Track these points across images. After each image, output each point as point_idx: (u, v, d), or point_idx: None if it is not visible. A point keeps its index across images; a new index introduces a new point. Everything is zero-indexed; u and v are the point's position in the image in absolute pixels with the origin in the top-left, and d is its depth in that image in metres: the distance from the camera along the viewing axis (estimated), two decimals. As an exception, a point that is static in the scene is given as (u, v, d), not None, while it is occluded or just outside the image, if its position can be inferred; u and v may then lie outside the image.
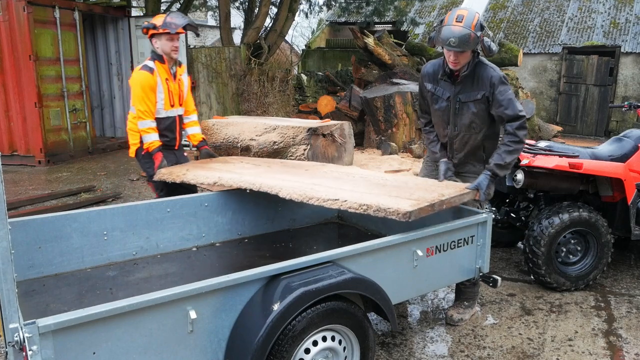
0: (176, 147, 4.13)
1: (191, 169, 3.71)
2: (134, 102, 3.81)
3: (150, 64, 3.85)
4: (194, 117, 4.29)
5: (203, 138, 4.30)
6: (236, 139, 6.65)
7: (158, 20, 3.82)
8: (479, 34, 3.09)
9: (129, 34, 10.48)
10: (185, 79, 4.13)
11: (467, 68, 3.26)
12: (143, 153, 3.88)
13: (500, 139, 3.51)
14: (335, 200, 2.84)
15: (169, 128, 4.00)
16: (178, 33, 3.79)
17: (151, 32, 3.80)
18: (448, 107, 3.43)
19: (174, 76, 3.97)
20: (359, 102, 10.15)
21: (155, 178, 3.75)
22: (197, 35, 4.76)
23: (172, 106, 3.98)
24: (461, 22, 3.05)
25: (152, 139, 3.81)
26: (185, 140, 4.19)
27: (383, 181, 3.35)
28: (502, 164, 3.24)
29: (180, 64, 4.06)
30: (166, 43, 3.81)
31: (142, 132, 3.81)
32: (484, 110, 3.34)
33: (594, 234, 4.08)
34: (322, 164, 3.89)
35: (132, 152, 3.98)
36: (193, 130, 4.27)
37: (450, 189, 3.11)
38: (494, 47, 3.17)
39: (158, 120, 3.92)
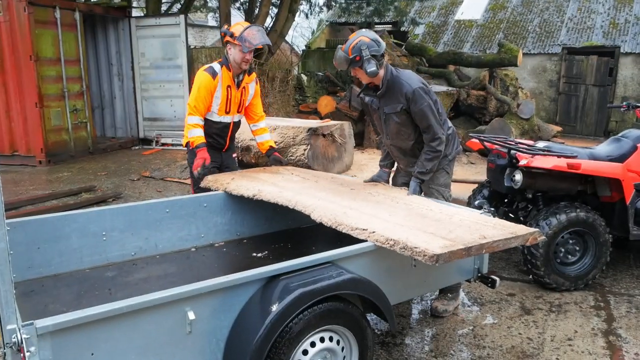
0: (224, 150, 4.19)
1: (237, 179, 3.72)
2: (190, 97, 3.91)
3: (217, 67, 3.89)
4: (262, 123, 4.31)
5: (271, 146, 4.32)
6: (236, 139, 6.64)
7: (237, 29, 3.82)
8: (353, 57, 3.33)
9: (130, 35, 10.49)
10: (252, 87, 4.14)
11: (382, 83, 3.51)
12: (191, 147, 3.94)
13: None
14: (364, 230, 2.67)
15: (219, 133, 4.07)
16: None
17: (227, 38, 3.83)
18: (378, 117, 3.71)
19: (238, 85, 4.00)
20: (359, 102, 10.14)
21: (202, 184, 3.82)
22: (272, 52, 4.92)
23: (228, 113, 4.02)
24: (342, 46, 3.42)
25: (196, 134, 3.86)
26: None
27: (426, 211, 3.08)
28: (424, 171, 3.55)
29: (250, 73, 4.09)
30: (238, 54, 3.81)
31: (188, 126, 3.89)
32: (407, 119, 3.54)
33: (592, 234, 4.09)
34: (373, 184, 3.75)
35: (184, 143, 4.07)
36: (262, 138, 4.31)
37: (497, 230, 2.75)
38: (372, 68, 3.31)
39: (210, 122, 3.99)
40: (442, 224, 2.82)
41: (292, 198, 3.24)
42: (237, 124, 4.19)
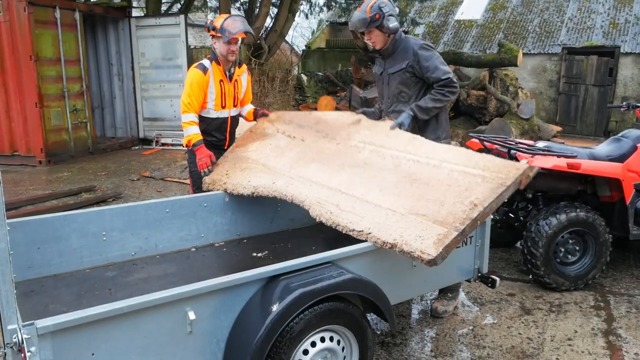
0: (225, 147, 4.12)
1: (230, 172, 3.68)
2: (183, 95, 3.89)
3: (207, 63, 3.89)
4: (248, 106, 4.29)
5: (255, 108, 4.28)
6: (237, 134, 6.64)
7: (218, 22, 3.83)
8: (372, 15, 3.47)
9: (130, 34, 10.49)
10: (244, 79, 4.16)
11: (389, 45, 3.64)
12: (188, 147, 3.93)
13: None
14: (360, 232, 2.65)
15: (218, 129, 4.05)
16: (234, 39, 3.80)
17: (211, 32, 3.84)
18: (381, 82, 3.84)
19: (230, 78, 4.00)
20: (359, 102, 10.15)
21: (204, 188, 3.77)
22: (255, 40, 4.90)
23: (224, 107, 4.01)
24: (359, 8, 3.57)
25: (192, 132, 3.84)
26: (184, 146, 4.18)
27: (415, 167, 2.89)
28: (422, 107, 3.51)
29: (240, 65, 4.09)
30: (223, 46, 3.82)
31: (184, 124, 3.87)
32: (410, 79, 3.64)
33: (592, 234, 4.09)
34: (357, 120, 3.59)
35: (184, 143, 4.03)
36: (246, 110, 4.27)
37: (486, 185, 2.55)
38: (393, 23, 3.52)
39: (208, 120, 3.98)
40: (432, 189, 2.68)
41: (286, 191, 3.21)
42: (234, 119, 4.18)
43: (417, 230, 2.48)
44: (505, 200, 4.42)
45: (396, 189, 2.82)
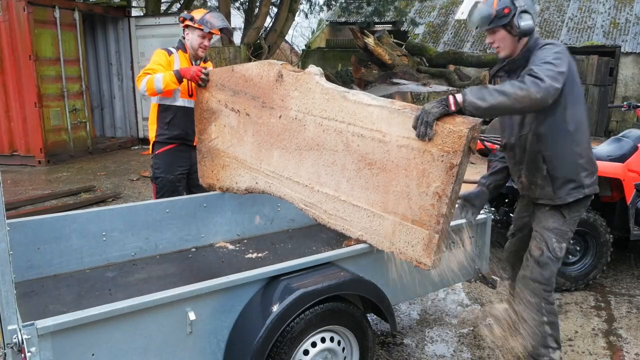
0: (194, 143, 3.74)
1: (218, 176, 3.52)
2: (140, 74, 3.58)
3: (172, 49, 3.76)
4: None
5: None
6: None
7: (197, 14, 3.72)
8: (500, 9, 2.54)
9: (129, 34, 10.49)
10: None
11: (518, 53, 2.65)
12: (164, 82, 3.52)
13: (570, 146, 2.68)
14: (356, 238, 2.65)
15: (187, 120, 3.72)
16: (211, 33, 3.69)
17: (186, 22, 3.70)
18: None
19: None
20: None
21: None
22: (231, 41, 4.63)
23: (191, 96, 3.72)
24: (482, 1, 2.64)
25: (161, 74, 3.47)
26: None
27: (367, 154, 2.57)
28: (483, 91, 2.26)
29: (206, 60, 3.94)
30: (196, 38, 3.69)
31: (147, 83, 3.49)
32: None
33: (593, 234, 4.08)
34: (284, 86, 2.96)
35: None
36: None
37: (437, 168, 2.27)
38: (527, 21, 2.54)
39: (174, 108, 3.74)
40: (392, 177, 2.45)
41: (270, 191, 3.14)
42: None
43: (402, 235, 2.44)
44: (508, 208, 4.48)
45: (360, 179, 2.62)
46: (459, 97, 2.24)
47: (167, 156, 3.83)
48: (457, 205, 2.96)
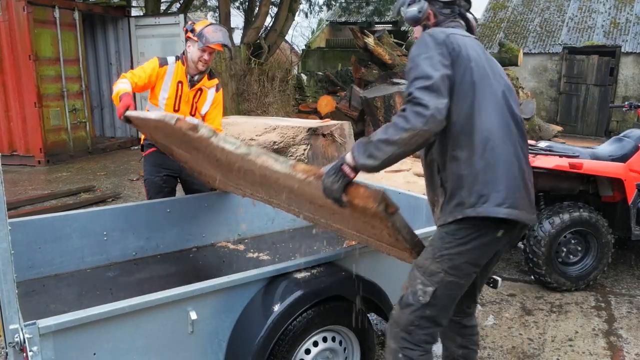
0: None
1: (221, 182, 3.37)
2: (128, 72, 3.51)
3: (170, 59, 3.61)
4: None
5: None
6: (236, 139, 6.64)
7: (199, 25, 3.57)
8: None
9: (129, 34, 10.49)
10: (210, 94, 3.72)
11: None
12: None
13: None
14: (359, 243, 2.61)
15: None
16: (211, 47, 3.53)
17: (188, 34, 3.58)
18: None
19: (192, 84, 3.63)
20: (359, 102, 10.15)
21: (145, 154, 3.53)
22: (231, 54, 4.39)
23: (176, 111, 3.60)
24: None
25: (122, 87, 3.25)
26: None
27: (304, 193, 2.28)
28: (365, 142, 1.92)
29: (211, 77, 3.74)
30: (196, 52, 3.52)
31: (116, 83, 3.34)
32: None
33: (595, 234, 4.08)
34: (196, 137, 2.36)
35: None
36: None
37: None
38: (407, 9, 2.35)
39: None
40: (344, 216, 2.24)
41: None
42: None
43: (391, 252, 2.42)
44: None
45: (324, 212, 2.41)
46: (350, 162, 1.92)
47: (154, 158, 3.74)
48: None
